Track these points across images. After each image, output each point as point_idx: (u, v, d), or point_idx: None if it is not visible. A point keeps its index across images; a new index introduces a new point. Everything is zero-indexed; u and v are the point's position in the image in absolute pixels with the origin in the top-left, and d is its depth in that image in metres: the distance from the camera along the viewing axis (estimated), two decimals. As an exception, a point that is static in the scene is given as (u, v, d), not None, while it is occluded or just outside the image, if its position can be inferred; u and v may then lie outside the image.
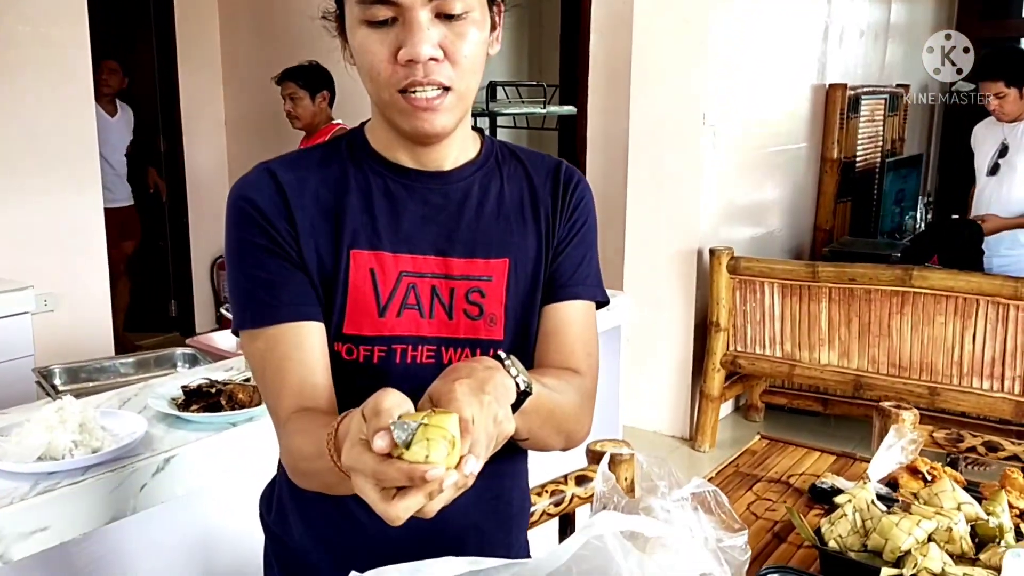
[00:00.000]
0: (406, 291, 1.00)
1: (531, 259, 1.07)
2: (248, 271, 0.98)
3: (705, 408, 3.96)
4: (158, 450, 1.44)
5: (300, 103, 3.69)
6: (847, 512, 1.34)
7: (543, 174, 1.10)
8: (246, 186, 1.00)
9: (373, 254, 0.99)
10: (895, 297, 3.45)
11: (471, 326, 1.03)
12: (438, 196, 1.03)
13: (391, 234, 1.00)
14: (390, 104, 0.95)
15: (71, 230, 3.63)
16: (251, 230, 0.98)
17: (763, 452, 1.82)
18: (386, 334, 0.99)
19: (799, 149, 4.78)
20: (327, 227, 0.99)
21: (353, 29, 0.95)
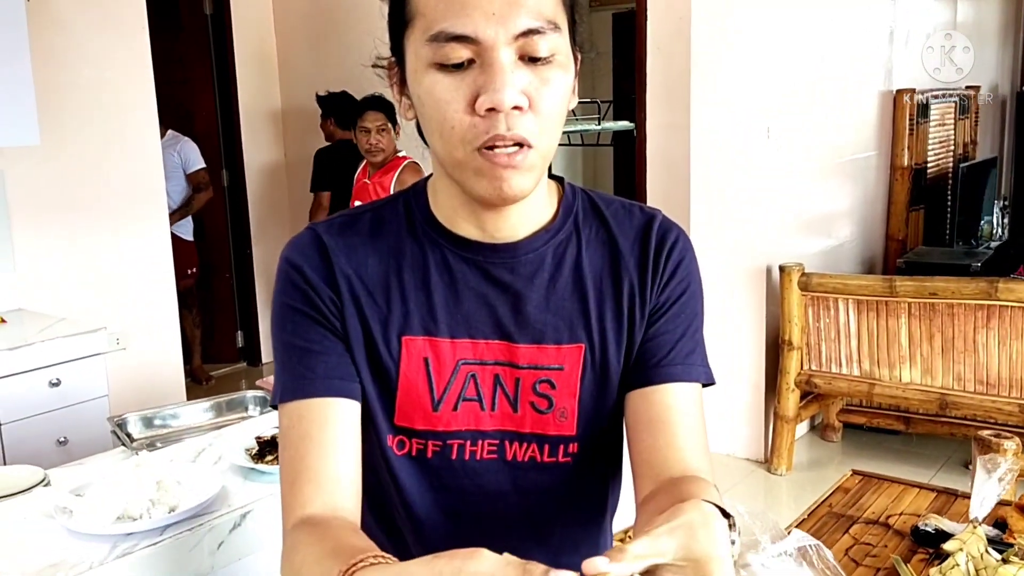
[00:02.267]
0: (464, 381, 0.90)
1: (611, 343, 0.93)
2: (287, 339, 0.89)
3: (780, 429, 3.84)
4: (234, 505, 1.42)
5: (386, 135, 3.66)
6: (959, 561, 1.25)
7: (631, 236, 0.95)
8: (292, 248, 0.92)
9: (428, 340, 0.89)
10: (980, 311, 3.30)
11: (538, 420, 0.91)
12: (504, 271, 0.90)
13: (448, 317, 0.89)
14: (463, 164, 0.82)
15: (139, 267, 3.69)
16: (294, 295, 0.89)
17: (857, 490, 1.73)
18: (441, 429, 0.90)
19: (868, 158, 4.64)
20: (376, 307, 0.89)
21: (419, 75, 0.81)
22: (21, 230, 3.31)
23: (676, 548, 0.60)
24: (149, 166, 3.68)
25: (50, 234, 3.39)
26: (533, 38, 0.78)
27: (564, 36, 0.82)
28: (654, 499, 0.84)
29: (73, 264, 3.47)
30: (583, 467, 0.95)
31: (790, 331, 3.74)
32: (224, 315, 5.55)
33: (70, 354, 2.90)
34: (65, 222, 3.43)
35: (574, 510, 0.99)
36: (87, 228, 3.49)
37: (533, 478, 0.93)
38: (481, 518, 0.94)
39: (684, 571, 0.60)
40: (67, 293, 3.43)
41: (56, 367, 2.85)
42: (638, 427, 0.92)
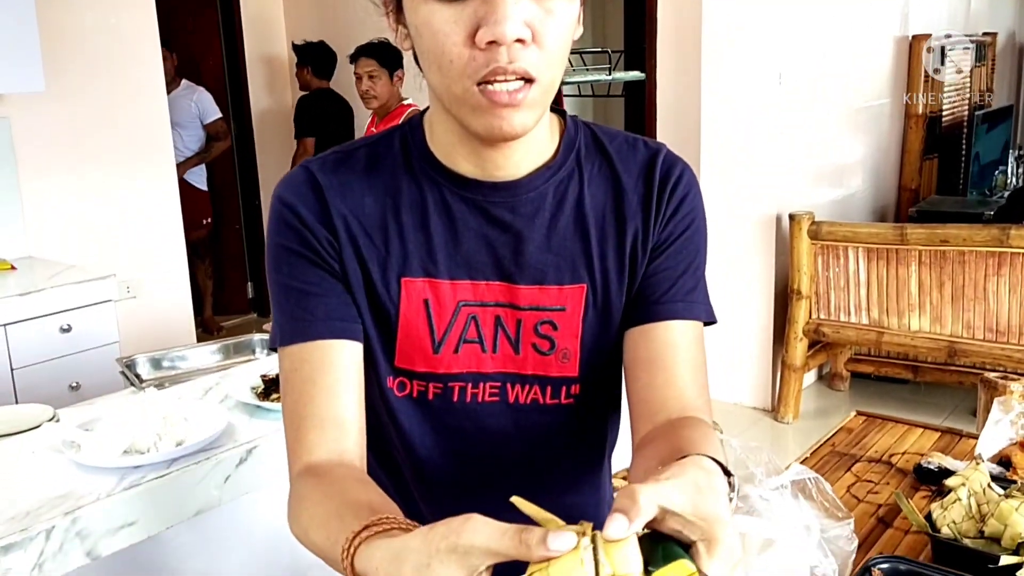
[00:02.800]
0: (465, 323, 0.88)
1: (613, 282, 0.90)
2: (284, 281, 0.86)
3: (787, 378, 3.84)
4: (240, 441, 1.44)
5: (378, 82, 3.63)
6: (961, 496, 1.26)
7: (635, 172, 0.91)
8: (285, 187, 0.88)
9: (427, 282, 0.87)
10: (991, 258, 3.27)
11: (540, 362, 0.90)
12: (504, 211, 0.87)
13: (448, 258, 0.87)
14: (461, 99, 0.78)
15: (148, 215, 3.69)
16: (289, 235, 0.86)
17: (860, 430, 1.73)
18: (442, 372, 0.89)
19: (881, 105, 4.57)
20: (374, 248, 0.87)
21: (416, 3, 0.77)
22: (28, 178, 3.31)
23: (683, 504, 0.57)
24: (155, 115, 3.66)
25: (58, 182, 3.39)
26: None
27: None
28: (652, 443, 0.82)
29: (81, 212, 3.47)
30: (585, 409, 0.94)
31: (799, 280, 3.72)
32: (234, 266, 5.57)
33: (80, 301, 2.91)
34: (72, 170, 3.42)
35: (575, 451, 0.98)
36: (95, 176, 3.49)
37: (535, 420, 0.92)
38: (482, 459, 0.94)
39: (689, 527, 0.59)
40: (76, 241, 3.44)
41: (66, 313, 2.87)
42: (636, 365, 0.90)
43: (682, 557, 0.57)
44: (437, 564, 0.56)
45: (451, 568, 0.55)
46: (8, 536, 1.15)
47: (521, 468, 0.96)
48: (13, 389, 2.74)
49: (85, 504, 1.23)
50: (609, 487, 1.11)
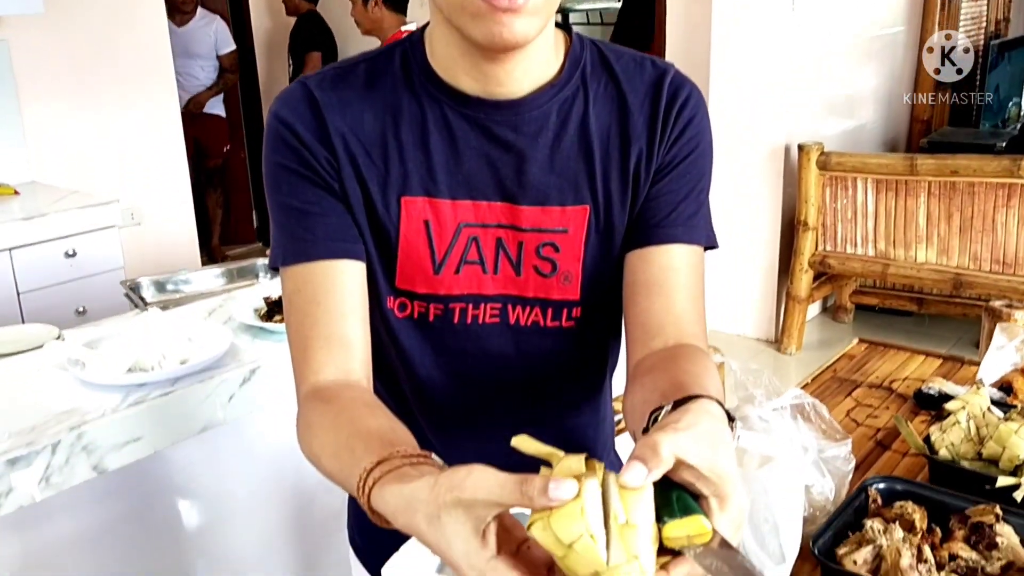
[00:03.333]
0: (466, 244, 0.86)
1: (615, 204, 0.88)
2: (282, 200, 0.85)
3: (792, 310, 3.84)
4: (244, 361, 1.44)
5: (354, 7, 3.55)
6: (960, 419, 1.26)
7: (641, 92, 0.88)
8: (282, 104, 0.86)
9: (428, 201, 0.85)
10: (1001, 190, 3.24)
11: (542, 284, 0.89)
12: (507, 130, 0.85)
13: (449, 177, 0.85)
14: (460, 6, 0.76)
15: (152, 144, 3.66)
16: (285, 153, 0.84)
17: (862, 356, 1.74)
18: (442, 293, 0.88)
19: (896, 33, 4.47)
20: (373, 165, 0.85)
21: None
22: (30, 102, 3.27)
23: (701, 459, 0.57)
24: (157, 41, 3.61)
25: (59, 108, 3.35)
26: None
27: None
28: (651, 372, 0.81)
29: (84, 138, 3.44)
30: (586, 332, 0.93)
31: (806, 211, 3.69)
32: (239, 195, 5.54)
33: (84, 226, 2.91)
34: (74, 96, 3.39)
35: (576, 373, 0.98)
36: (96, 102, 3.45)
37: (536, 342, 0.92)
38: (483, 381, 0.94)
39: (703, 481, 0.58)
40: (79, 167, 3.42)
41: (71, 238, 2.87)
42: (635, 288, 0.88)
43: (698, 512, 0.56)
44: (446, 516, 0.57)
45: (459, 521, 0.56)
46: (15, 450, 1.17)
47: (522, 390, 0.96)
48: (20, 313, 2.76)
49: (91, 419, 1.25)
50: (610, 409, 1.11)
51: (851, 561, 1.02)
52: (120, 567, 1.45)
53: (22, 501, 1.18)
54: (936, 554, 1.03)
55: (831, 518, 1.09)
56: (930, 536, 1.06)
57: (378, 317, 0.90)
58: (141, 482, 1.43)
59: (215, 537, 1.59)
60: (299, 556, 1.72)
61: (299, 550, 1.72)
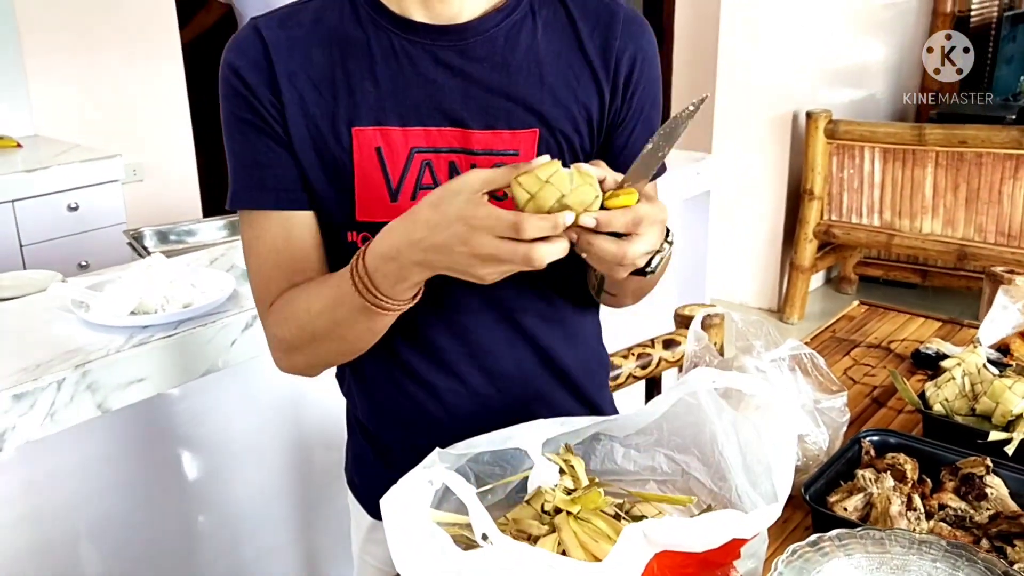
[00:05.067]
0: (420, 169, 0.87)
1: (570, 131, 0.90)
2: (236, 148, 0.89)
3: (795, 279, 3.85)
4: (246, 307, 1.45)
5: None
6: (955, 376, 1.27)
7: (592, 21, 0.91)
8: (233, 48, 0.87)
9: (378, 130, 0.86)
10: (1008, 161, 3.23)
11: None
12: (453, 55, 0.87)
13: (398, 104, 0.86)
14: None
15: (156, 102, 3.65)
16: (236, 102, 0.87)
17: (862, 318, 1.74)
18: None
19: (908, 2, 4.42)
20: (322, 100, 0.86)
21: None
22: (33, 56, 3.26)
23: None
24: None
25: (62, 61, 3.33)
26: None
27: None
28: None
29: (87, 93, 3.43)
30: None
31: (812, 180, 3.68)
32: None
33: (87, 179, 2.91)
34: (77, 49, 3.37)
35: (536, 292, 0.98)
36: (100, 57, 3.43)
37: None
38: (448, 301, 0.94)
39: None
40: (81, 122, 3.41)
41: (73, 192, 2.87)
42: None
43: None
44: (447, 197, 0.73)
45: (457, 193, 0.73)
46: (21, 385, 1.18)
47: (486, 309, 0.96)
48: (23, 264, 2.77)
49: (95, 359, 1.26)
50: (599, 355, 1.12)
51: (842, 508, 1.04)
52: (121, 505, 1.47)
53: (28, 436, 1.20)
54: (926, 503, 1.04)
55: (824, 467, 1.10)
56: (920, 486, 1.07)
57: (340, 254, 0.90)
58: (144, 425, 1.45)
59: (215, 481, 1.61)
60: (299, 502, 1.74)
61: (300, 496, 1.74)
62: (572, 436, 0.93)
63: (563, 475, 0.87)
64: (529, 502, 0.86)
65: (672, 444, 0.99)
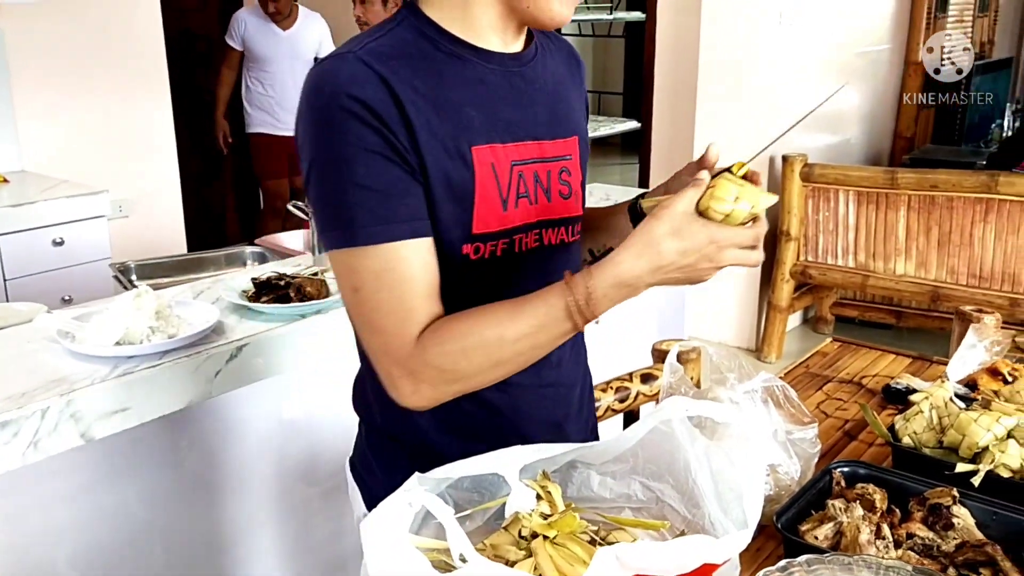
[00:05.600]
0: (518, 181, 0.97)
1: (583, 132, 1.09)
2: (359, 181, 0.87)
3: (772, 319, 3.90)
4: (231, 338, 1.47)
5: (371, 8, 3.58)
6: (923, 409, 1.31)
7: (566, 52, 1.12)
8: (347, 81, 0.87)
9: (489, 148, 0.94)
10: (979, 204, 3.31)
11: (564, 206, 1.03)
12: (519, 80, 0.99)
13: (495, 124, 0.96)
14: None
15: (143, 138, 3.68)
16: (362, 133, 0.87)
17: (835, 354, 1.78)
18: (509, 227, 0.97)
19: (881, 51, 4.55)
20: (443, 123, 0.91)
21: None
22: (22, 91, 3.29)
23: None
24: (150, 33, 3.62)
25: (51, 97, 3.37)
26: None
27: None
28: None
29: (75, 129, 3.46)
30: (579, 241, 1.10)
31: (789, 222, 3.75)
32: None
33: (72, 215, 2.93)
34: (66, 85, 3.40)
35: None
36: (89, 94, 3.47)
37: (560, 257, 1.04)
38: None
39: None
40: (69, 157, 3.44)
41: (59, 227, 2.89)
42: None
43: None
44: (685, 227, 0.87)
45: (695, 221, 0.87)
46: (5, 413, 1.19)
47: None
48: (6, 299, 2.77)
49: (79, 388, 1.27)
50: None
51: (813, 536, 1.06)
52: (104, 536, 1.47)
53: (10, 465, 1.21)
54: (894, 533, 1.07)
55: (796, 496, 1.13)
56: (889, 516, 1.10)
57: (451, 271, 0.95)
58: (128, 454, 1.45)
59: (198, 512, 1.62)
60: (284, 532, 1.74)
61: (284, 527, 1.74)
62: (549, 463, 0.96)
63: (540, 501, 0.90)
64: (507, 528, 0.88)
65: (647, 472, 1.01)
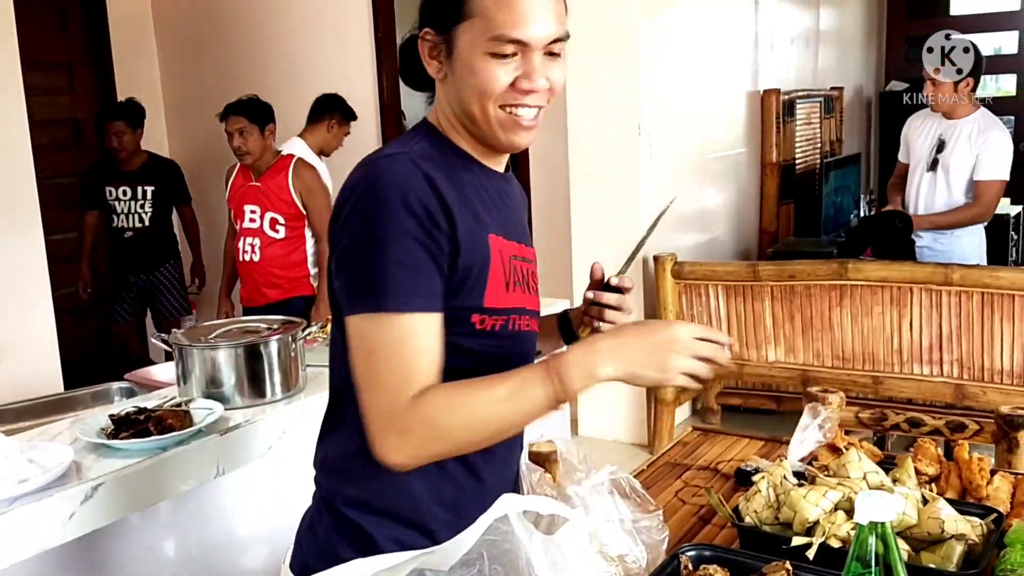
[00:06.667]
0: (513, 270, 1.18)
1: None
2: (396, 256, 1.05)
3: (660, 413, 4.01)
4: (86, 479, 1.45)
5: (250, 137, 3.69)
6: (761, 488, 1.39)
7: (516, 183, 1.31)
8: (402, 177, 1.07)
9: (498, 239, 1.16)
10: (833, 291, 3.54)
11: (535, 300, 1.24)
12: (505, 192, 1.23)
13: (497, 221, 1.17)
14: (492, 118, 1.12)
15: (16, 282, 3.60)
16: (412, 223, 1.05)
17: (694, 443, 1.87)
18: (508, 306, 1.16)
19: (739, 154, 4.88)
20: (470, 216, 1.11)
21: (474, 58, 1.10)
22: None
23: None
24: (20, 171, 3.59)
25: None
26: (557, 44, 1.13)
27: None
28: None
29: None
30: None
31: (665, 317, 3.91)
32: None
33: (-65, 363, 2.82)
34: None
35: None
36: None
37: (531, 341, 1.25)
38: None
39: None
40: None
41: (-80, 376, 2.77)
42: None
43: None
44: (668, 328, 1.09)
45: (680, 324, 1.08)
46: None
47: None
48: None
49: (-82, 543, 1.23)
50: None
51: (659, 620, 1.11)
52: None
53: None
54: (735, 609, 1.13)
55: (644, 583, 1.18)
56: (730, 593, 1.16)
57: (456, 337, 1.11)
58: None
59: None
60: None
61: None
62: (391, 572, 0.99)
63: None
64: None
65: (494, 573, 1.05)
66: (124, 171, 4.42)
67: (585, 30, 3.94)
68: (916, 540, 1.26)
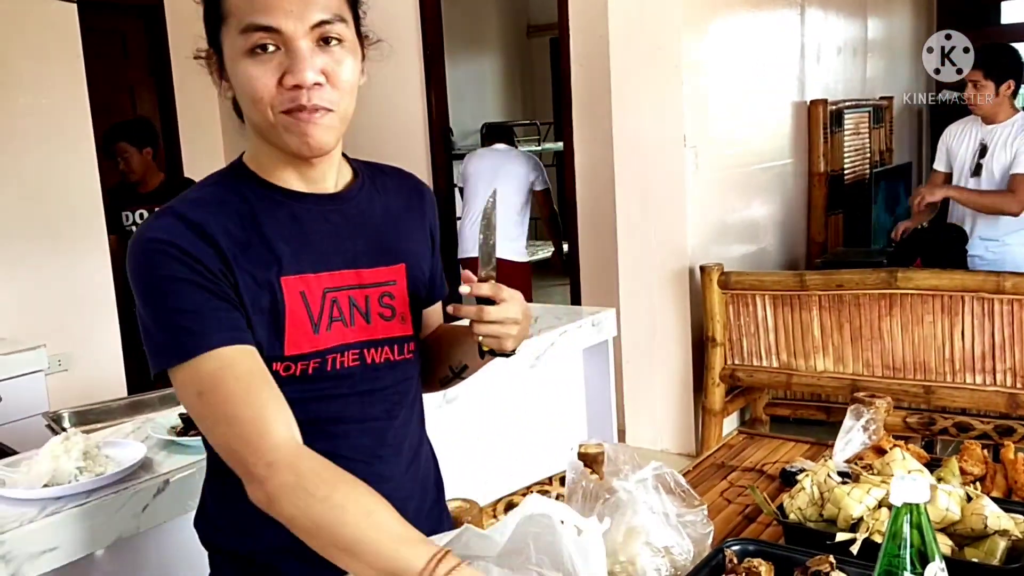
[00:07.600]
0: (331, 306, 1.09)
1: (424, 261, 1.24)
2: (171, 306, 0.99)
3: (708, 423, 4.01)
4: (158, 473, 1.54)
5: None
6: (805, 486, 1.42)
7: (409, 187, 1.26)
8: (158, 230, 1.01)
9: (299, 278, 1.07)
10: (883, 300, 3.52)
11: (386, 327, 1.15)
12: (337, 216, 1.13)
13: (308, 256, 1.08)
14: (275, 125, 1.03)
15: (81, 291, 3.75)
16: (172, 267, 0.99)
17: (740, 445, 1.90)
18: (321, 348, 1.08)
19: (785, 165, 4.88)
20: (251, 261, 1.04)
21: (236, 61, 1.02)
22: (-41, 253, 3.37)
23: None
24: (87, 187, 3.75)
25: (-12, 259, 3.45)
26: (325, 27, 1.01)
27: (350, 26, 1.06)
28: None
29: (11, 285, 3.52)
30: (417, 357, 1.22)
31: (713, 328, 3.93)
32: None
33: (9, 371, 2.97)
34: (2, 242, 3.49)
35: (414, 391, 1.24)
36: (25, 250, 3.56)
37: (388, 374, 1.16)
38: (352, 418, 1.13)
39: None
40: (5, 313, 3.49)
41: (-5, 383, 2.92)
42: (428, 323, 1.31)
43: None
44: None
45: None
46: (-67, 559, 1.24)
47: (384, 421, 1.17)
48: (-59, 458, 2.77)
49: (8, 530, 1.32)
50: None
51: (704, 609, 1.15)
52: None
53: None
54: (779, 600, 1.16)
55: (691, 574, 1.21)
56: (774, 585, 1.19)
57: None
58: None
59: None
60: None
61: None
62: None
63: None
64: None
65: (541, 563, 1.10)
66: (141, 193, 4.05)
67: (628, 43, 4.00)
68: (960, 536, 1.28)
